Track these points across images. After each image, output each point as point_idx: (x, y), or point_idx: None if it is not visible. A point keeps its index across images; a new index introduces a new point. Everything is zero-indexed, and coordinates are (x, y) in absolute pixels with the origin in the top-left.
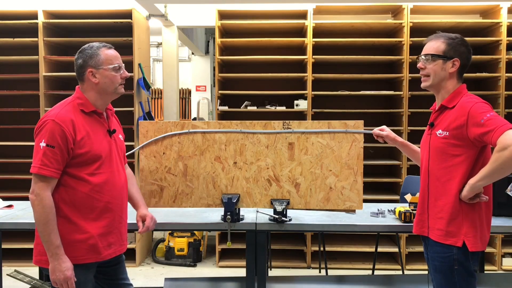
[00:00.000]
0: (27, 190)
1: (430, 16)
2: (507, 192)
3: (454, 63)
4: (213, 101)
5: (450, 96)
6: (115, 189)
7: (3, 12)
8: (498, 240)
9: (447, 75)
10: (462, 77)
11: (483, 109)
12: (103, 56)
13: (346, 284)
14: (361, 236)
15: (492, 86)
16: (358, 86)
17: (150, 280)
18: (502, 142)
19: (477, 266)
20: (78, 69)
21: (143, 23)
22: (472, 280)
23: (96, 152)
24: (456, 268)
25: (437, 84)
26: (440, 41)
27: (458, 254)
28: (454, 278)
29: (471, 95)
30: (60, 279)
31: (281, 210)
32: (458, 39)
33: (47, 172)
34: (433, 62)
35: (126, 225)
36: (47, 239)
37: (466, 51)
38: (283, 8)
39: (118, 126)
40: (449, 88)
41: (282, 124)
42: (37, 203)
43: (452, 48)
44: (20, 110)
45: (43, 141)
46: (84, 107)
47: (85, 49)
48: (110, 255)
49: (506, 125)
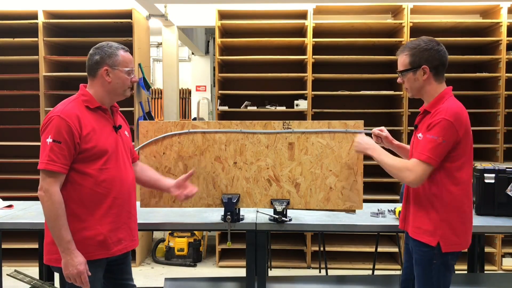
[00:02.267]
0: (27, 190)
1: (430, 16)
2: (507, 192)
3: (424, 70)
4: (213, 101)
5: (433, 101)
6: (122, 185)
7: (3, 12)
8: (498, 240)
9: (422, 83)
10: (443, 77)
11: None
12: (121, 57)
13: (346, 284)
14: (361, 236)
15: (492, 86)
16: (358, 86)
17: (150, 280)
18: (414, 169)
19: (455, 262)
20: (92, 65)
21: (143, 23)
22: (448, 274)
23: (103, 147)
24: (434, 262)
25: (418, 93)
26: (404, 54)
27: (437, 250)
28: (431, 272)
29: (452, 102)
30: (73, 273)
31: (281, 210)
32: (421, 45)
33: (54, 167)
34: (405, 77)
35: (136, 220)
36: (58, 235)
37: (433, 52)
38: (283, 8)
39: (124, 123)
40: (431, 92)
41: (282, 124)
42: (47, 199)
43: (416, 57)
44: (20, 110)
45: (50, 137)
46: (89, 103)
47: (103, 46)
48: (120, 250)
49: (429, 157)
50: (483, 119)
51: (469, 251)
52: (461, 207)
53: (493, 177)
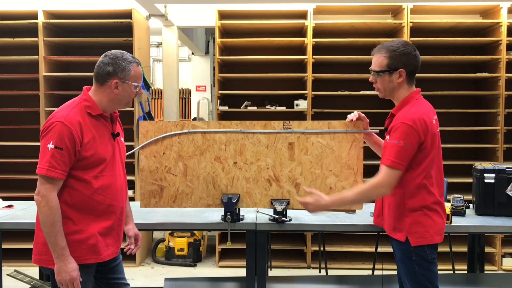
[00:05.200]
0: (27, 190)
1: (430, 16)
2: (507, 192)
3: (400, 73)
4: (213, 101)
5: (399, 105)
6: (116, 192)
7: (3, 12)
8: (498, 240)
9: (396, 85)
10: (414, 80)
11: (402, 134)
12: (133, 72)
13: (346, 284)
14: (361, 236)
15: (492, 86)
16: (358, 86)
17: (150, 280)
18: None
19: (435, 254)
20: (103, 74)
21: (143, 23)
22: (432, 266)
23: (101, 155)
24: (414, 259)
25: (390, 95)
26: (382, 55)
27: (408, 244)
28: (414, 267)
29: (416, 106)
30: (66, 279)
31: (281, 210)
32: (400, 48)
33: (54, 174)
34: (380, 77)
35: (123, 227)
36: (53, 241)
37: (410, 57)
38: (283, 8)
39: (121, 130)
40: (401, 95)
41: (282, 124)
42: (44, 204)
43: (395, 60)
44: (20, 110)
45: (51, 143)
46: (91, 109)
47: (118, 58)
48: (108, 256)
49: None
50: (483, 119)
51: (469, 251)
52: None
53: (493, 177)
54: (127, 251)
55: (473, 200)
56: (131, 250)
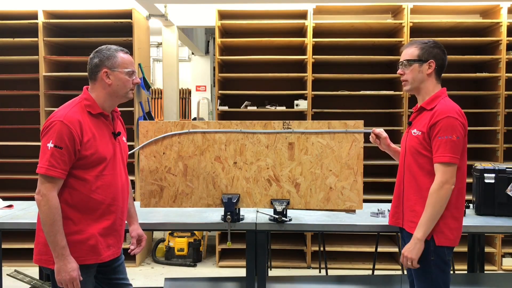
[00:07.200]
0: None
1: (430, 16)
2: (507, 192)
3: (430, 64)
4: (213, 101)
5: (429, 99)
6: (117, 192)
7: (3, 12)
8: (498, 240)
9: (425, 76)
10: (440, 79)
11: (453, 128)
12: (120, 59)
13: (346, 284)
14: (361, 236)
15: (492, 86)
16: (358, 86)
17: (150, 280)
18: (438, 180)
19: (450, 258)
20: (92, 68)
21: (143, 23)
22: (447, 268)
23: (101, 154)
24: (432, 259)
25: (417, 87)
26: (413, 47)
27: (432, 243)
28: (430, 268)
29: (449, 101)
30: (66, 279)
31: (281, 210)
32: (431, 42)
33: (54, 173)
34: (410, 67)
35: (124, 227)
36: (53, 240)
37: (440, 52)
38: (283, 8)
39: (122, 129)
40: (429, 89)
41: (282, 124)
42: (44, 203)
43: (426, 51)
44: (20, 110)
45: (51, 142)
46: (91, 108)
47: (102, 49)
48: (109, 257)
49: (451, 156)
50: (483, 119)
51: (469, 251)
52: (455, 203)
53: (493, 177)
54: (130, 251)
55: (473, 200)
56: (133, 251)
